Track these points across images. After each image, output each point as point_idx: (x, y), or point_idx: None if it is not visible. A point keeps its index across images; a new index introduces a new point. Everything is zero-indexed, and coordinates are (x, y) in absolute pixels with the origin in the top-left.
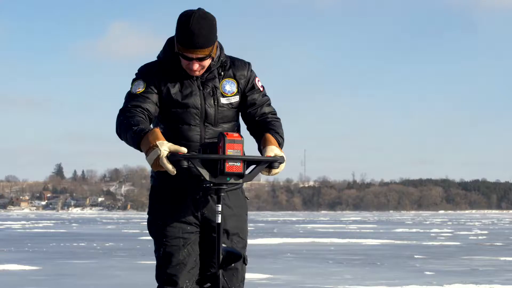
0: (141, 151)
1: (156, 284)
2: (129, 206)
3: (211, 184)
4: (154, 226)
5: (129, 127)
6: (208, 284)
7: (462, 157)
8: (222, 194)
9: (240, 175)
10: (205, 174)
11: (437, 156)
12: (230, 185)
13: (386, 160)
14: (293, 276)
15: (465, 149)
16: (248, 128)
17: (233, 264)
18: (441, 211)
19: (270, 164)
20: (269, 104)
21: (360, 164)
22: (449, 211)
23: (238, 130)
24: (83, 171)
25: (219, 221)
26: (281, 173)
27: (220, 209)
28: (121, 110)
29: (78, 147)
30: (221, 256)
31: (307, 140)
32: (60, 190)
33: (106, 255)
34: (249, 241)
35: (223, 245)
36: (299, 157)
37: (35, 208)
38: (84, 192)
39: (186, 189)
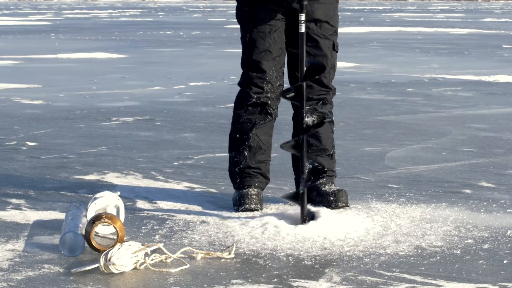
0: None
1: (242, 71)
2: None
3: None
4: (241, 12)
5: None
6: (292, 94)
7: None
8: (305, 2)
9: None
10: None
11: None
12: None
13: None
14: (380, 64)
15: None
16: None
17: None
18: None
19: None
20: None
21: None
22: None
23: None
24: None
25: (303, 30)
26: None
27: (303, 18)
28: None
29: None
30: (304, 68)
31: None
32: None
33: (192, 43)
34: None
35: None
36: None
37: None
38: None
39: None
